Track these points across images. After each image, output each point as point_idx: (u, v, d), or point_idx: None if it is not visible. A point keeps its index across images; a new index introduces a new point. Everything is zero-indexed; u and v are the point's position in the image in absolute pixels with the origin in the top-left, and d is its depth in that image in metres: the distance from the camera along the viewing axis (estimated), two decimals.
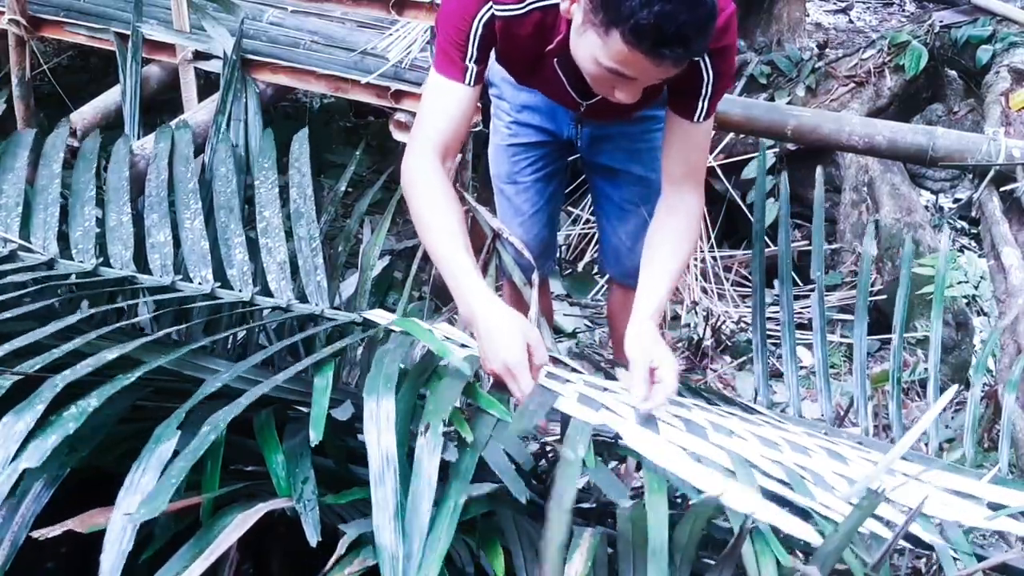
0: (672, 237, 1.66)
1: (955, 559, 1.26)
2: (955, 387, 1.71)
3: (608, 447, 1.39)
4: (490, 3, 1.56)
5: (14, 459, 1.11)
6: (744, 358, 3.14)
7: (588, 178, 2.21)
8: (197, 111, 2.85)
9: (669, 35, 1.32)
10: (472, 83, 1.62)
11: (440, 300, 3.04)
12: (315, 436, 1.15)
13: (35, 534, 1.05)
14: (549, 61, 1.66)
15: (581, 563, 1.04)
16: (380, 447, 1.13)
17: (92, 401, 1.18)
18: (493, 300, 1.50)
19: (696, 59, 1.53)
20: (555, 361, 1.68)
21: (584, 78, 1.55)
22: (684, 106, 1.64)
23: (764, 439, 1.47)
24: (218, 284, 1.78)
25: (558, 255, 3.58)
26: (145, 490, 1.09)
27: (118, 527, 1.05)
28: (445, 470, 1.16)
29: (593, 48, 1.41)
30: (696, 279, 3.43)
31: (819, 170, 2.10)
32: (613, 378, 1.69)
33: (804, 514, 1.24)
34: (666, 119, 1.69)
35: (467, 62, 1.60)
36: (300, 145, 2.05)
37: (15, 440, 1.12)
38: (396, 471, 1.11)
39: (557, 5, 1.52)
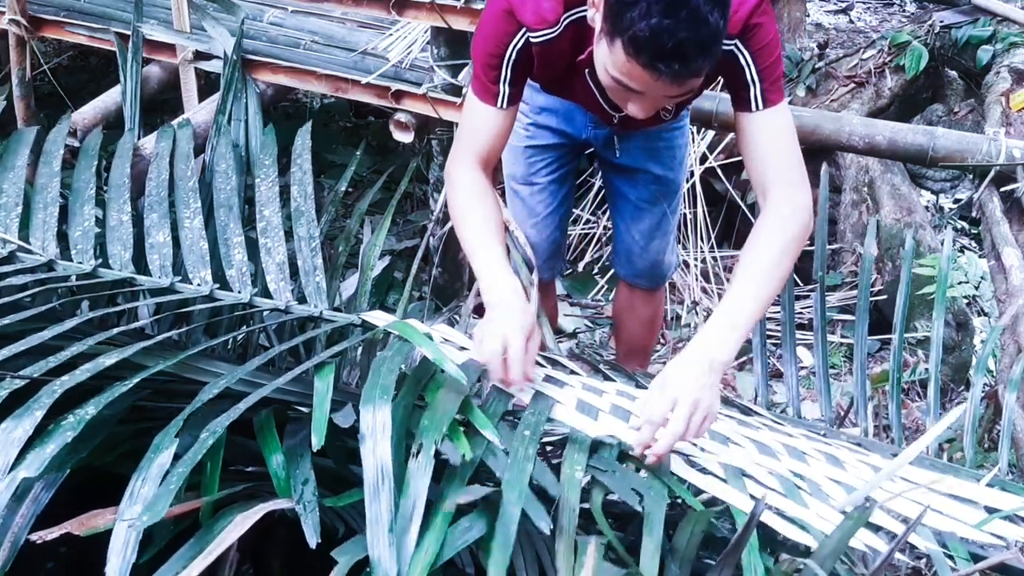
0: (753, 261, 1.49)
1: (952, 568, 1.26)
2: (961, 407, 1.71)
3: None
4: (524, 30, 1.55)
5: (13, 467, 1.11)
6: (744, 358, 3.14)
7: (603, 176, 2.19)
8: (197, 111, 2.85)
9: (666, 50, 1.28)
10: (506, 105, 1.65)
11: (440, 300, 3.04)
12: (317, 442, 1.15)
13: (33, 537, 1.05)
14: (581, 72, 1.64)
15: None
16: (375, 459, 1.13)
17: (90, 409, 1.18)
18: (508, 288, 1.51)
19: (728, 48, 1.48)
20: (553, 363, 1.68)
21: None
22: (740, 100, 1.56)
23: (761, 445, 1.47)
24: (217, 286, 1.77)
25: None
26: (147, 499, 1.09)
27: (122, 536, 1.05)
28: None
29: (603, 57, 1.39)
30: (696, 279, 3.43)
31: (824, 168, 2.10)
32: (610, 379, 1.68)
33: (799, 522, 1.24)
34: (736, 125, 1.61)
35: (501, 86, 1.62)
36: (303, 141, 2.04)
37: (15, 445, 1.12)
38: (391, 487, 1.10)
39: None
